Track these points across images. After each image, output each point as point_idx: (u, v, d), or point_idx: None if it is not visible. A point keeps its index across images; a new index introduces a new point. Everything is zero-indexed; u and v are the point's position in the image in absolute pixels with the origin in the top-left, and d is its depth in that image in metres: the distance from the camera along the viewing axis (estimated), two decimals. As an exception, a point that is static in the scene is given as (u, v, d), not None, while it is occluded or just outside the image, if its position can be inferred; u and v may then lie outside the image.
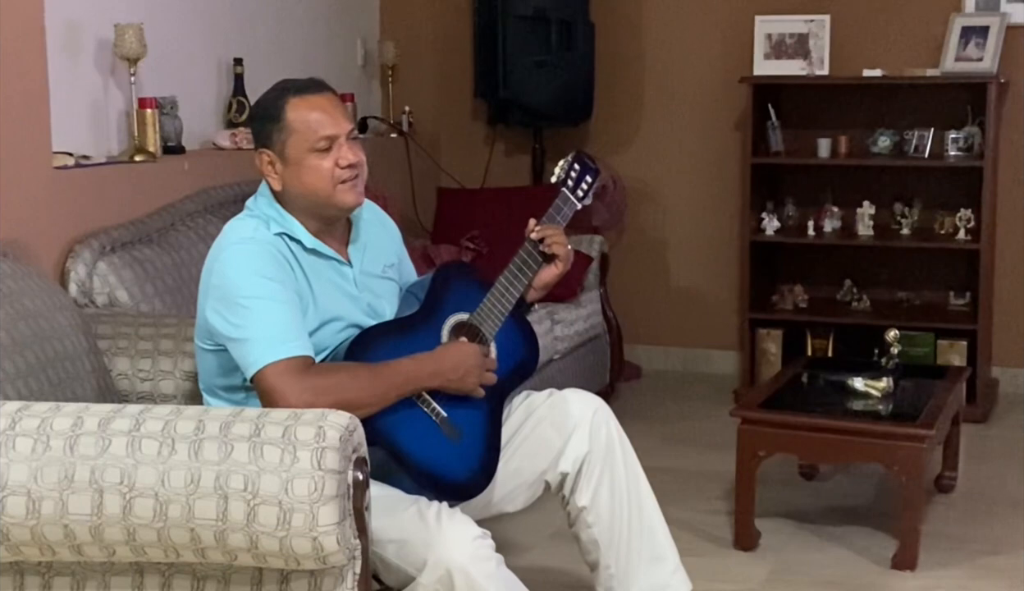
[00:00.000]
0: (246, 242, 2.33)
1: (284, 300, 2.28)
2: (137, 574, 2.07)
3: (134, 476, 1.95)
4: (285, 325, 2.26)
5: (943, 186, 4.94)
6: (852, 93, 5.02)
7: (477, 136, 5.61)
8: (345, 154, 2.36)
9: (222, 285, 2.30)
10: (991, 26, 4.77)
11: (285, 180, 2.38)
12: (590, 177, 2.67)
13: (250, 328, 2.25)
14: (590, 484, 2.57)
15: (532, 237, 2.56)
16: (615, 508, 2.58)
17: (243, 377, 2.32)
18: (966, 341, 4.77)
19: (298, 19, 4.88)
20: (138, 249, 3.40)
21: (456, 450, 2.40)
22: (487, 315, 2.50)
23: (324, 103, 2.39)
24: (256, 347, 2.24)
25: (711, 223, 5.34)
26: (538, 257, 2.57)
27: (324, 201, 2.38)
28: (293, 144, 2.35)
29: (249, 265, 2.29)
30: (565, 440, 2.58)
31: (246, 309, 2.26)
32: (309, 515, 1.94)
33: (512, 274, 2.54)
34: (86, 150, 3.60)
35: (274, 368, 2.21)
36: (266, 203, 2.42)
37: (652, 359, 5.47)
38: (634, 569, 2.61)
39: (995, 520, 3.68)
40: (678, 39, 5.31)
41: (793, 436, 3.40)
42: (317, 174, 2.35)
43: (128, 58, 3.68)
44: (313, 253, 2.41)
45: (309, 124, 2.35)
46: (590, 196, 2.67)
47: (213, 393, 2.45)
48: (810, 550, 3.45)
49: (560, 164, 2.67)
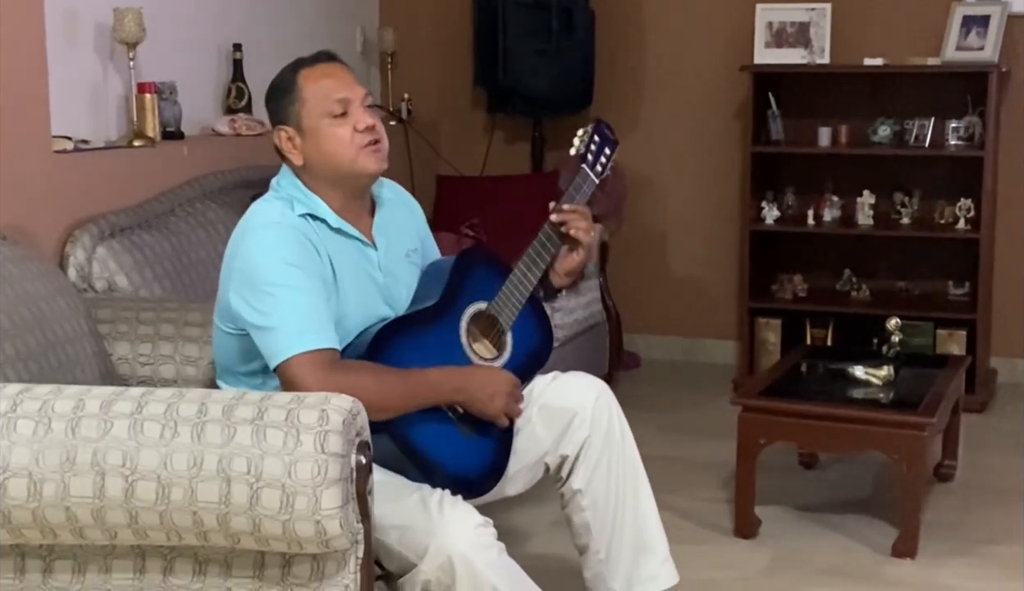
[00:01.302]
0: (272, 227, 2.29)
1: (309, 289, 2.25)
2: (139, 557, 2.06)
3: (136, 459, 1.94)
4: (310, 315, 2.23)
5: (943, 176, 4.93)
6: (853, 82, 5.02)
7: (477, 124, 5.60)
8: (362, 117, 2.34)
9: (247, 270, 2.26)
10: (992, 15, 4.76)
11: (306, 153, 2.35)
12: (608, 149, 2.60)
13: (275, 316, 2.22)
14: (587, 468, 2.56)
15: (552, 219, 2.50)
16: (609, 494, 2.57)
17: (262, 362, 2.29)
18: (965, 331, 4.77)
19: (297, 5, 4.86)
20: (137, 234, 3.39)
21: (468, 447, 2.39)
22: (504, 304, 2.47)
23: (335, 70, 2.38)
24: (281, 337, 2.21)
25: (711, 212, 5.33)
26: (557, 240, 2.50)
27: (347, 169, 2.34)
28: (308, 113, 2.33)
29: (275, 251, 2.25)
30: (567, 424, 2.57)
31: (271, 296, 2.22)
32: (312, 498, 1.93)
33: (530, 259, 2.49)
34: (85, 135, 3.58)
35: (299, 360, 2.19)
36: (290, 183, 2.38)
37: (652, 348, 5.46)
38: (624, 557, 2.59)
39: (994, 509, 3.68)
40: (678, 27, 5.30)
41: (794, 424, 3.39)
42: (337, 140, 2.32)
43: (127, 43, 3.66)
44: (339, 233, 2.37)
45: (322, 90, 2.33)
46: (608, 170, 2.59)
47: (231, 375, 2.42)
48: (810, 538, 3.45)
49: (579, 134, 2.57)
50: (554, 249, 2.50)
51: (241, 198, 3.92)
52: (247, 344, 2.32)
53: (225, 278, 2.33)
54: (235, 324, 2.32)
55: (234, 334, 2.35)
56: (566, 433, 2.57)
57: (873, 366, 3.59)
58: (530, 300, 2.51)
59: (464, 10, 5.40)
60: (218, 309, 2.39)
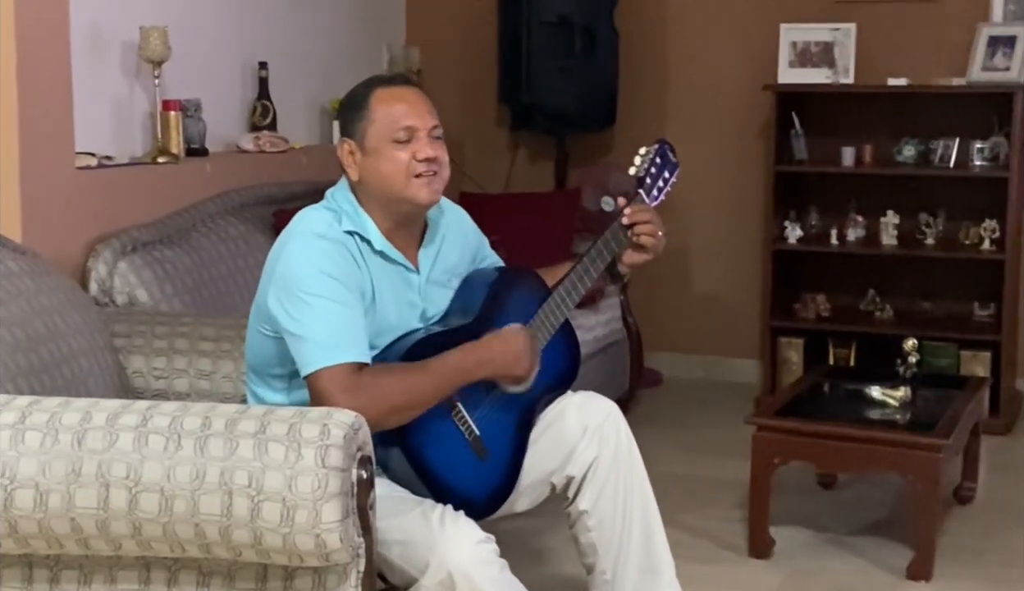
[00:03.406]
0: (316, 238, 2.31)
1: (345, 301, 2.27)
2: (144, 569, 2.09)
3: (140, 471, 1.97)
4: (344, 329, 2.25)
5: (968, 196, 4.90)
6: (877, 102, 5.00)
7: (500, 141, 5.63)
8: (423, 148, 2.35)
9: (287, 275, 2.29)
10: (1019, 36, 4.73)
11: (363, 170, 2.38)
12: (668, 172, 2.62)
13: (309, 326, 2.24)
14: (595, 489, 2.55)
15: (624, 221, 2.52)
16: (616, 515, 2.56)
17: (292, 367, 2.32)
18: (990, 352, 4.73)
19: (324, 24, 4.92)
20: (159, 249, 3.43)
21: (480, 470, 2.41)
22: (540, 325, 2.48)
23: (410, 96, 2.40)
24: (314, 348, 2.23)
25: (734, 230, 5.33)
26: (623, 240, 2.51)
27: (398, 194, 2.36)
28: (374, 133, 2.36)
29: (316, 262, 2.28)
30: (575, 444, 2.56)
31: (308, 306, 2.25)
32: (312, 512, 1.95)
33: (573, 282, 2.50)
34: (110, 151, 3.64)
35: (329, 372, 2.21)
36: (343, 196, 2.41)
37: (675, 366, 5.45)
38: (629, 577, 2.58)
39: (1013, 532, 3.64)
40: (702, 46, 5.31)
41: (808, 443, 3.38)
42: (393, 164, 2.34)
43: (153, 61, 3.72)
44: (381, 256, 2.39)
45: (391, 114, 2.35)
46: (664, 195, 2.60)
47: (260, 377, 2.44)
48: (824, 559, 3.43)
49: (641, 152, 2.57)
50: (618, 248, 2.52)
51: (263, 214, 3.98)
52: (280, 349, 2.35)
53: (266, 280, 2.37)
54: (271, 327, 2.35)
55: (270, 336, 2.37)
56: (573, 453, 2.57)
57: (890, 387, 3.58)
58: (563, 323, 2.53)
59: (489, 28, 5.43)
60: (255, 310, 2.42)
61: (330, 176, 2.61)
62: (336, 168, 2.48)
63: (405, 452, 2.29)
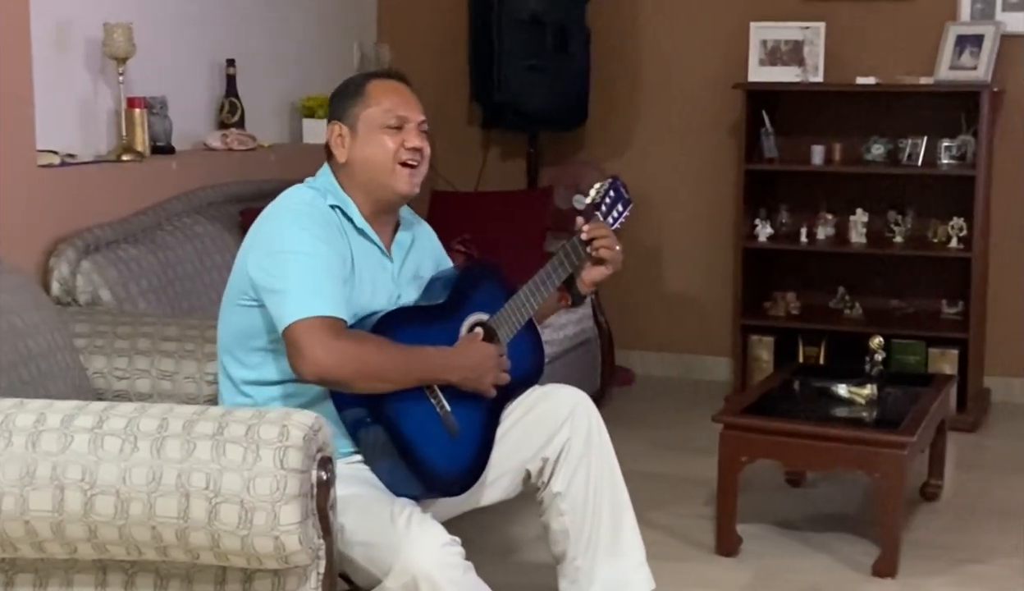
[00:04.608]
0: (301, 205, 2.41)
1: (327, 260, 2.34)
2: (100, 572, 2.07)
3: (96, 473, 1.95)
4: (324, 283, 2.30)
5: (936, 194, 4.92)
6: (846, 100, 5.02)
7: (472, 140, 5.62)
8: (412, 138, 2.46)
9: (270, 237, 2.36)
10: (986, 35, 4.76)
11: (351, 152, 2.46)
12: (622, 206, 2.74)
13: (290, 280, 2.30)
14: (568, 471, 2.58)
15: (583, 237, 2.61)
16: (588, 498, 2.59)
17: (268, 338, 2.37)
18: (958, 350, 4.75)
19: (293, 20, 4.89)
20: (123, 248, 3.40)
21: (451, 446, 2.43)
22: (505, 320, 2.55)
23: (404, 90, 2.51)
24: (293, 300, 2.28)
25: (705, 229, 5.34)
26: (583, 254, 2.61)
27: (382, 180, 2.45)
28: (366, 118, 2.45)
29: (299, 223, 2.36)
30: (548, 429, 2.59)
31: (289, 263, 2.31)
32: (271, 514, 1.94)
33: (540, 281, 2.57)
34: (75, 149, 3.61)
35: (307, 323, 2.25)
36: (325, 179, 2.50)
37: (646, 364, 5.46)
38: (600, 562, 2.61)
39: (979, 529, 3.66)
40: (674, 45, 5.31)
41: (774, 442, 3.39)
42: (382, 149, 2.43)
43: (117, 57, 3.69)
44: (362, 234, 2.47)
45: (386, 102, 2.46)
46: (619, 224, 2.72)
47: (233, 355, 2.46)
48: (792, 557, 3.44)
49: (596, 187, 2.70)
50: (578, 261, 2.61)
51: (231, 213, 3.96)
52: (257, 319, 2.38)
53: (246, 249, 2.42)
54: (251, 294, 2.38)
55: (248, 306, 2.40)
56: (547, 438, 2.60)
57: (857, 385, 3.59)
58: (527, 322, 2.58)
59: (461, 26, 5.42)
60: (232, 284, 2.46)
61: (299, 175, 2.63)
62: (305, 168, 2.50)
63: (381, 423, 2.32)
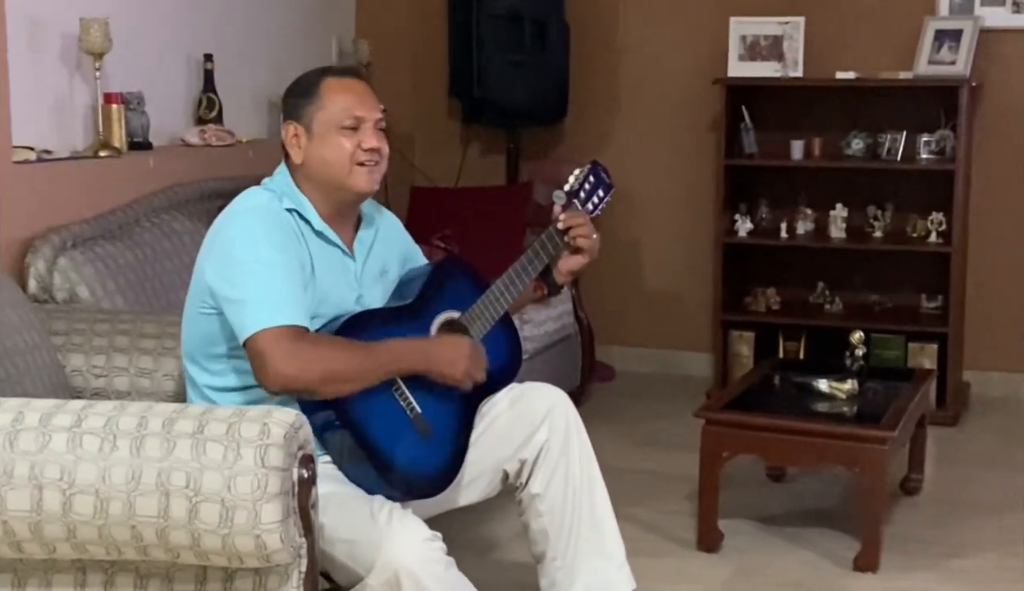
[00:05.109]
0: (257, 209, 2.37)
1: (286, 267, 2.30)
2: (79, 572, 2.05)
3: (74, 472, 1.93)
4: (284, 292, 2.28)
5: (916, 189, 4.94)
6: (826, 95, 5.02)
7: (451, 135, 5.60)
8: (369, 138, 2.41)
9: (227, 245, 2.32)
10: (964, 29, 4.77)
11: (307, 154, 2.41)
12: (603, 192, 2.70)
13: (249, 290, 2.26)
14: (546, 472, 2.57)
15: (559, 226, 2.59)
16: (567, 499, 2.58)
17: (228, 345, 2.34)
18: (937, 344, 4.77)
19: (271, 15, 4.86)
20: (100, 245, 3.37)
21: (424, 448, 2.40)
22: (478, 316, 2.52)
23: (359, 87, 2.45)
24: (252, 310, 2.25)
25: (685, 224, 5.34)
26: (559, 243, 2.59)
27: (339, 181, 2.40)
28: (321, 118, 2.39)
29: (256, 230, 2.32)
30: (526, 429, 2.58)
31: (248, 271, 2.28)
32: (252, 512, 1.92)
33: (514, 274, 2.54)
34: (51, 145, 3.57)
35: (268, 333, 2.22)
36: (282, 180, 2.46)
37: (626, 360, 5.46)
38: (580, 563, 2.60)
39: (959, 523, 3.68)
40: (653, 40, 5.31)
41: (755, 437, 3.39)
42: (338, 151, 2.39)
43: (93, 53, 3.66)
44: (320, 236, 2.43)
45: (341, 102, 2.40)
46: (599, 211, 2.69)
47: (196, 360, 2.43)
48: (773, 552, 3.44)
49: (575, 174, 2.67)
50: (554, 251, 2.59)
51: (209, 209, 3.92)
52: (217, 326, 2.35)
53: (203, 257, 2.38)
54: (211, 302, 2.35)
55: (208, 314, 2.37)
56: (525, 438, 2.59)
57: (838, 380, 3.59)
58: (503, 317, 2.55)
59: (439, 22, 5.40)
60: (193, 291, 2.42)
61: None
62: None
63: (348, 427, 2.29)
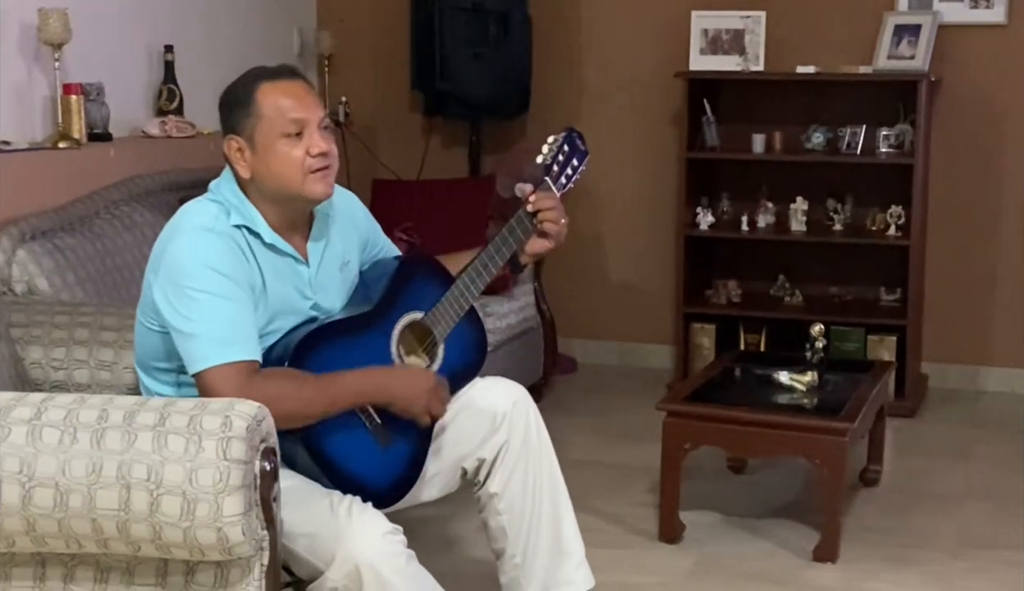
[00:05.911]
0: (203, 232, 2.27)
1: (235, 299, 2.24)
2: (39, 565, 2.04)
3: (34, 465, 1.92)
4: (234, 326, 2.21)
5: (875, 183, 4.98)
6: (787, 89, 5.05)
7: (414, 127, 5.59)
8: (317, 142, 2.31)
9: (174, 271, 2.24)
10: (923, 24, 4.82)
11: (254, 168, 2.32)
12: (577, 160, 2.64)
13: (197, 324, 2.20)
14: (505, 472, 2.56)
15: (528, 208, 2.54)
16: (526, 498, 2.57)
17: (175, 364, 2.29)
18: (896, 336, 4.82)
19: (232, 6, 4.83)
20: (60, 237, 3.34)
21: (381, 457, 2.38)
22: (441, 316, 2.48)
23: (296, 89, 2.34)
24: (202, 346, 2.19)
25: (646, 217, 5.36)
26: (528, 227, 2.54)
27: (294, 191, 2.32)
28: (263, 130, 2.30)
29: (204, 257, 2.23)
30: (485, 428, 2.56)
31: (196, 303, 2.21)
32: (213, 505, 1.92)
33: (476, 271, 2.50)
34: (9, 136, 3.54)
35: (218, 371, 2.18)
36: (229, 189, 2.36)
37: (588, 352, 5.48)
38: (539, 561, 2.60)
39: (917, 513, 3.72)
40: (615, 33, 5.32)
41: (717, 429, 3.41)
42: (287, 162, 2.29)
43: (52, 43, 3.62)
44: (271, 248, 2.35)
45: (280, 109, 2.30)
46: (572, 183, 2.62)
47: (148, 370, 2.40)
48: (734, 543, 3.47)
49: (549, 141, 2.59)
50: (523, 236, 2.54)
51: (170, 201, 3.90)
52: (166, 343, 2.31)
53: (151, 272, 2.31)
54: (158, 321, 2.31)
55: (155, 331, 2.33)
56: (484, 437, 2.57)
57: (798, 372, 3.62)
58: (468, 311, 2.52)
59: (402, 13, 5.38)
60: (142, 304, 2.37)
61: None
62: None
63: (304, 441, 2.26)
